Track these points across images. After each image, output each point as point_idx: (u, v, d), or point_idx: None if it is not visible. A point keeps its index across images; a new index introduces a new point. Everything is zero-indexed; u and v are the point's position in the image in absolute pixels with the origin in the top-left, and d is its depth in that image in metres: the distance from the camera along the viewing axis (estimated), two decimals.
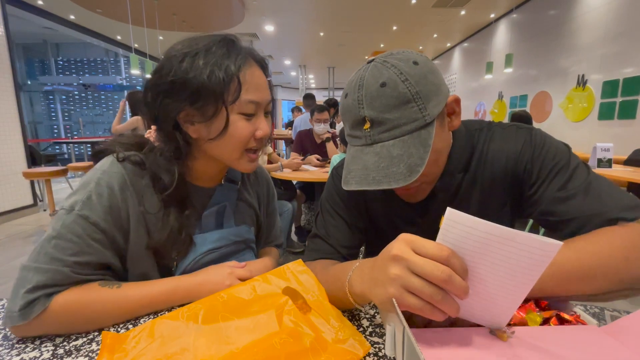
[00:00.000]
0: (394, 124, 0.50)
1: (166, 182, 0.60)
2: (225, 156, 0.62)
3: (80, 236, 0.53)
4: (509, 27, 6.14)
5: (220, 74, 0.55)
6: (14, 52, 4.08)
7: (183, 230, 0.62)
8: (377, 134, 0.51)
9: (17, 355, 0.46)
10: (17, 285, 0.50)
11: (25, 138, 4.22)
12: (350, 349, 0.44)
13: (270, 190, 0.86)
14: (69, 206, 0.55)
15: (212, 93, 0.55)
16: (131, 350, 0.42)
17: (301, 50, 9.72)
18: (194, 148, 0.63)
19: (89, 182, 0.57)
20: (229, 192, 0.73)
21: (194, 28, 6.77)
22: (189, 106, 0.57)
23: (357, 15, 6.37)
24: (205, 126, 0.58)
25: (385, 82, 0.49)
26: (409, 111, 0.49)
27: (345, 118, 0.55)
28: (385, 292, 0.37)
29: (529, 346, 0.36)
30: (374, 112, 0.50)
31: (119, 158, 0.60)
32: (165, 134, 0.60)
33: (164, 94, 0.57)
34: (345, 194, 0.73)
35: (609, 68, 3.96)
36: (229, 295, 0.49)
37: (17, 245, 3.13)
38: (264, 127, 0.62)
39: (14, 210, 4.07)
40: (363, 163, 0.51)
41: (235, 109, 0.58)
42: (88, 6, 5.46)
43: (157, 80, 0.58)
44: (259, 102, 0.60)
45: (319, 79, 14.64)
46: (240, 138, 0.60)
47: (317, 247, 0.70)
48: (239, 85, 0.57)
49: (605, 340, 0.37)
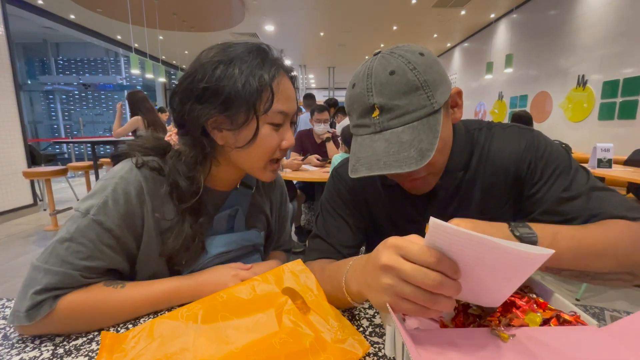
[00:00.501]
0: (404, 111, 0.50)
1: (184, 189, 0.60)
2: (250, 164, 0.62)
3: (93, 241, 0.53)
4: (509, 27, 6.14)
5: (254, 83, 0.55)
6: (14, 51, 4.08)
7: (197, 237, 0.62)
8: (387, 121, 0.51)
9: (17, 355, 0.46)
10: (26, 285, 0.50)
11: (25, 138, 4.22)
12: (349, 348, 0.44)
13: (284, 196, 0.86)
14: (84, 210, 0.54)
15: (245, 102, 0.55)
16: (130, 350, 0.42)
17: (301, 50, 9.72)
18: (218, 154, 0.63)
19: (106, 187, 0.56)
20: (242, 197, 0.73)
21: (194, 28, 6.77)
22: (220, 113, 0.56)
23: (358, 15, 6.37)
24: (233, 134, 0.58)
25: (394, 70, 0.50)
26: (417, 98, 0.50)
27: (352, 108, 0.56)
28: (380, 299, 0.38)
29: (529, 347, 0.36)
30: (384, 99, 0.50)
31: (137, 164, 0.59)
32: (192, 139, 0.60)
33: (195, 100, 0.57)
34: (345, 194, 0.73)
35: (609, 68, 3.96)
36: (228, 295, 0.49)
37: (17, 245, 3.13)
38: (290, 137, 0.62)
39: (14, 209, 4.07)
40: (372, 150, 0.52)
41: (266, 119, 0.58)
42: (88, 6, 5.45)
43: (189, 85, 0.57)
44: (288, 113, 0.61)
45: (319, 79, 14.64)
46: (267, 148, 0.60)
47: (318, 247, 0.70)
48: (272, 95, 0.57)
49: (606, 340, 0.37)
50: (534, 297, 0.47)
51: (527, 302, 0.45)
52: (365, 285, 0.42)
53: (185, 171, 0.60)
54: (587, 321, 0.41)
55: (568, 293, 2.20)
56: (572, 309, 0.43)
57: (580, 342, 0.37)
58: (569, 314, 0.43)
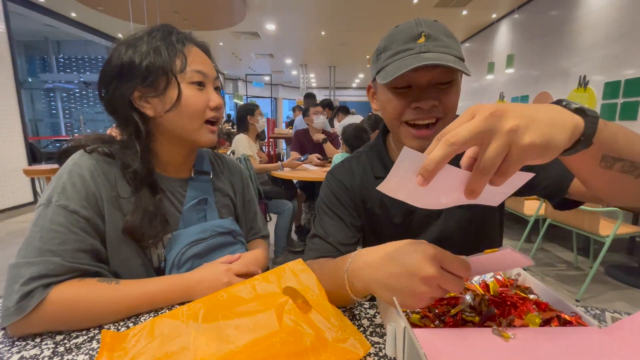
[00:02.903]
0: (446, 44, 0.58)
1: (133, 166, 0.62)
2: (185, 128, 0.65)
3: (63, 225, 0.54)
4: (510, 27, 6.12)
5: (164, 51, 0.62)
6: (15, 49, 4.08)
7: (157, 213, 0.63)
8: (433, 47, 0.57)
9: (18, 353, 0.46)
10: (10, 282, 0.50)
11: (26, 135, 4.23)
12: (350, 348, 0.44)
13: (244, 180, 0.87)
14: (45, 200, 0.56)
15: (160, 68, 0.61)
16: (131, 349, 0.42)
17: (302, 50, 9.71)
18: (153, 128, 0.66)
19: (62, 175, 0.59)
20: (203, 185, 0.75)
21: (196, 26, 6.76)
22: (141, 84, 0.61)
23: (359, 14, 6.35)
24: (160, 100, 0.63)
25: (438, 21, 0.60)
26: (453, 42, 0.59)
27: (393, 40, 0.60)
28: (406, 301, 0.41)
29: (530, 347, 0.36)
30: (431, 31, 0.58)
31: (87, 150, 0.62)
32: (123, 116, 0.64)
33: (116, 79, 0.62)
34: (341, 193, 0.75)
35: (611, 69, 3.95)
36: (229, 295, 0.49)
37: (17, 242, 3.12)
38: (216, 97, 0.67)
39: (15, 207, 4.07)
40: (415, 59, 0.56)
41: (185, 79, 0.63)
42: (89, 4, 5.45)
43: (107, 69, 0.62)
44: (206, 73, 0.66)
45: (319, 78, 14.62)
46: (195, 107, 0.64)
47: (317, 247, 0.71)
48: (185, 58, 0.63)
49: (606, 341, 0.37)
50: (534, 298, 0.47)
51: (525, 303, 0.45)
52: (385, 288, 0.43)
53: (129, 152, 0.63)
54: (587, 322, 0.41)
55: (568, 294, 2.20)
56: (573, 310, 0.43)
57: (582, 343, 0.37)
58: (570, 314, 0.43)
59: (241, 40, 8.22)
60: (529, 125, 0.31)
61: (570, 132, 0.33)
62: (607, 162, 0.41)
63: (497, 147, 0.30)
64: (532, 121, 0.31)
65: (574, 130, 0.33)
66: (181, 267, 0.65)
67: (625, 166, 0.41)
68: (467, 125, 0.31)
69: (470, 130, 0.30)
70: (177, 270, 0.65)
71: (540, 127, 0.31)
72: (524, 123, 0.31)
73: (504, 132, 0.30)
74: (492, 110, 0.31)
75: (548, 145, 0.31)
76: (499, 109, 0.31)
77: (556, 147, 0.32)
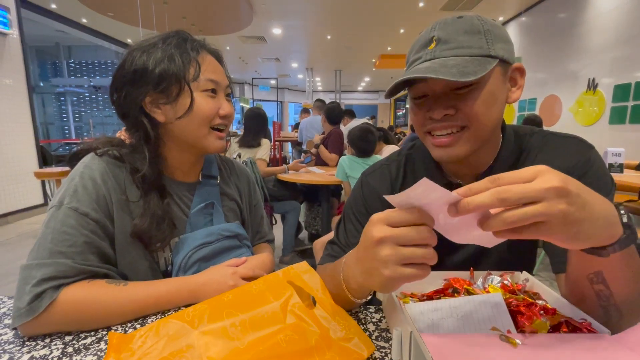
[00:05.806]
0: (459, 44, 0.51)
1: (142, 171, 0.63)
2: (194, 134, 0.65)
3: (74, 227, 0.55)
4: (517, 30, 6.09)
5: (178, 58, 0.62)
6: (28, 54, 4.18)
7: (165, 217, 0.64)
8: (439, 52, 0.52)
9: (28, 353, 0.47)
10: (21, 284, 0.51)
11: (37, 138, 4.31)
12: (354, 348, 0.44)
13: (251, 185, 0.88)
14: (57, 202, 0.57)
15: (173, 75, 0.61)
16: (137, 349, 0.43)
17: (308, 53, 9.76)
18: (162, 133, 0.67)
19: (74, 178, 0.59)
20: (210, 189, 0.75)
21: (203, 31, 6.85)
22: (153, 90, 0.62)
23: (364, 18, 6.38)
24: (171, 107, 0.63)
25: (463, 16, 0.54)
26: (476, 39, 0.51)
27: (412, 48, 0.58)
28: (382, 276, 0.38)
29: (538, 353, 0.36)
30: (443, 33, 0.52)
31: (97, 153, 0.63)
32: (133, 121, 0.64)
33: (128, 84, 0.62)
34: (372, 205, 0.69)
35: (621, 72, 3.90)
36: (234, 295, 0.49)
37: (28, 243, 3.19)
38: (226, 106, 0.68)
39: (25, 209, 4.15)
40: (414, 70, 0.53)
41: (198, 87, 0.64)
42: (100, 10, 5.56)
43: (120, 73, 0.63)
44: (218, 82, 0.66)
45: (325, 82, 14.66)
46: (205, 113, 0.64)
47: (334, 254, 0.70)
48: (198, 66, 0.64)
49: (617, 349, 0.36)
50: (543, 303, 0.47)
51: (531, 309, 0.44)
52: (364, 274, 0.42)
53: (138, 156, 0.64)
54: (598, 329, 0.40)
55: None
56: (582, 316, 0.43)
57: (593, 350, 0.36)
58: (579, 320, 0.42)
59: (248, 44, 8.30)
60: (581, 220, 0.31)
61: (604, 243, 0.34)
62: (597, 278, 0.41)
63: (536, 214, 0.30)
64: (584, 219, 0.31)
65: (608, 241, 0.34)
66: (188, 270, 0.66)
67: (604, 292, 0.42)
68: (524, 188, 0.31)
69: (525, 195, 0.30)
70: (184, 273, 0.65)
71: (584, 227, 0.32)
72: (578, 216, 0.31)
73: (554, 210, 0.30)
74: (556, 185, 0.30)
75: (576, 243, 0.32)
76: (564, 189, 0.30)
77: (581, 247, 0.33)
